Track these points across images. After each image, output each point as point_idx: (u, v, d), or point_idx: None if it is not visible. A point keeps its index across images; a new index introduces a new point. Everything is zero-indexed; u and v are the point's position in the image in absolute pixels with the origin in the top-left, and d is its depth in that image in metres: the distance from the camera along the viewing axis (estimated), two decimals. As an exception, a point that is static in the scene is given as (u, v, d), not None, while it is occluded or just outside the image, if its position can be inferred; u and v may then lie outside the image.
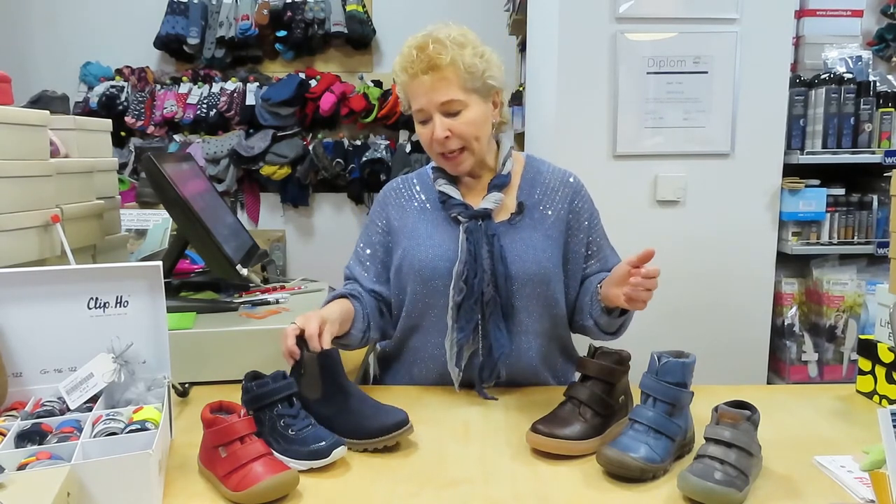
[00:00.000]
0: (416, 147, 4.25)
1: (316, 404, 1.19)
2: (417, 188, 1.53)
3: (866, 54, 2.39)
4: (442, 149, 1.40)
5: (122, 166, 4.03)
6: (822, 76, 2.26)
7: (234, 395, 1.17)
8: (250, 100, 4.15)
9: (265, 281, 1.88)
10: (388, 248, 1.51)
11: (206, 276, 1.85)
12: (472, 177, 1.49)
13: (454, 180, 1.47)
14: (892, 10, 2.87)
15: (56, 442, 1.01)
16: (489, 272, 1.38)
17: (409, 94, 1.41)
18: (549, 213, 1.47)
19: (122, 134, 4.21)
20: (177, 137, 4.26)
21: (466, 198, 1.45)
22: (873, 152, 2.22)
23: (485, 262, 1.38)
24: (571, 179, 1.52)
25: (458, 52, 1.35)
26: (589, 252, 1.50)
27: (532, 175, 1.51)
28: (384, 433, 1.15)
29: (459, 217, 1.42)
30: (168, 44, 4.17)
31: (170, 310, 1.31)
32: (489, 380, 1.42)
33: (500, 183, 1.45)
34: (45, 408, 1.14)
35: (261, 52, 4.25)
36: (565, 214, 1.48)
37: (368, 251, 1.52)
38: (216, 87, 4.20)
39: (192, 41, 4.12)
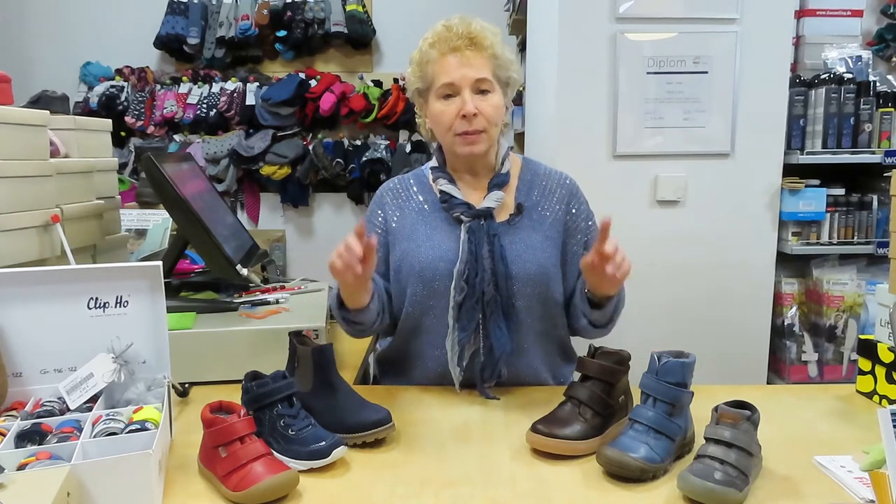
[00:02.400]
0: (416, 147, 4.24)
1: (304, 395, 1.20)
2: (415, 189, 1.52)
3: (866, 54, 2.39)
4: (467, 126, 1.39)
5: (122, 166, 4.03)
6: (822, 76, 2.26)
7: (234, 395, 1.17)
8: (250, 100, 4.15)
9: (265, 281, 1.87)
10: (388, 248, 1.51)
11: (206, 276, 1.85)
12: (472, 175, 1.49)
13: (454, 180, 1.47)
14: (892, 10, 2.86)
15: (56, 442, 1.01)
16: (489, 272, 1.38)
17: (437, 71, 1.39)
18: (548, 214, 1.48)
19: (122, 134, 4.21)
20: (177, 137, 4.26)
21: (466, 198, 1.45)
22: (873, 152, 2.22)
23: (485, 261, 1.38)
24: (568, 181, 1.52)
25: (497, 41, 1.40)
26: (585, 252, 1.50)
27: (529, 177, 1.51)
28: (363, 429, 1.17)
29: (462, 217, 1.41)
30: (168, 44, 4.17)
31: (170, 310, 1.31)
32: (490, 379, 1.42)
33: (500, 182, 1.45)
34: (45, 408, 1.14)
35: (261, 52, 4.25)
36: (563, 216, 1.48)
37: None
38: (216, 87, 4.19)
39: (192, 41, 4.11)
